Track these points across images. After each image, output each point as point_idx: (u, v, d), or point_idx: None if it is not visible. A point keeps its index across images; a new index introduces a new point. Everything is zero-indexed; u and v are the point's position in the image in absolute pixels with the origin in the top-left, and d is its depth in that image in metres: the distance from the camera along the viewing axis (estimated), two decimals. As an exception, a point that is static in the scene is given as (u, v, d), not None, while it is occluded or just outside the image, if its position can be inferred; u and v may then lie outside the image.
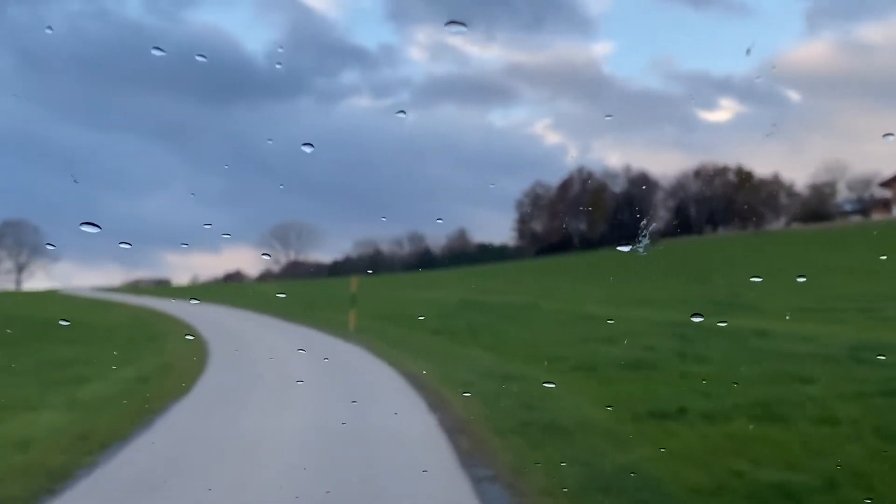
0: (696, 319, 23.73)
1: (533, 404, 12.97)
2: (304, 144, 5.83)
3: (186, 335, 25.57)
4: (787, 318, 26.56)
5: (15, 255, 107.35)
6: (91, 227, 4.84)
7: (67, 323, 28.18)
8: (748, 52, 5.80)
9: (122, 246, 5.84)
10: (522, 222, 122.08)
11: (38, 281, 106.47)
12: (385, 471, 9.19)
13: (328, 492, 7.86)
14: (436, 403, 13.33)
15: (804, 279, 36.19)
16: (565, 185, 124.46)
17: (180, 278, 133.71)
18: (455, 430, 11.03)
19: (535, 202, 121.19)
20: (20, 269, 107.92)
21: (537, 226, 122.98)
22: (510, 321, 31.14)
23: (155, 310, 38.68)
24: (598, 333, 24.94)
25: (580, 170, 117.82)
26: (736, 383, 14.46)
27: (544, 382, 14.95)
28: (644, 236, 4.76)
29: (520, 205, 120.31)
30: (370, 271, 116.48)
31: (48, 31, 7.68)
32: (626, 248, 4.87)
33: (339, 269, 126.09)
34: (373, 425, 11.31)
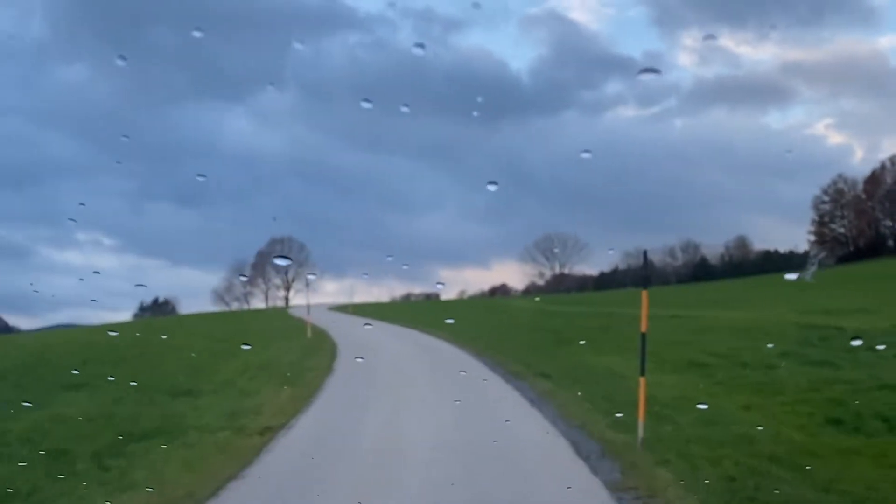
0: None
1: None
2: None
3: (272, 424, 10.39)
4: None
5: (283, 272, 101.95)
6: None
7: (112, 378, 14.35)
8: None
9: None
10: (822, 224, 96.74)
11: (303, 297, 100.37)
12: None
13: None
14: None
15: None
16: (875, 178, 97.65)
17: (450, 293, 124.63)
18: None
19: (836, 200, 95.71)
20: (288, 285, 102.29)
21: (840, 227, 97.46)
22: None
23: (333, 342, 24.54)
24: None
25: (893, 159, 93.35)
26: None
27: None
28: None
29: (818, 203, 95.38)
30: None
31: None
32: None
33: (606, 281, 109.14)
34: None
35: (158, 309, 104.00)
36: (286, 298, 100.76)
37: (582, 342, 24.35)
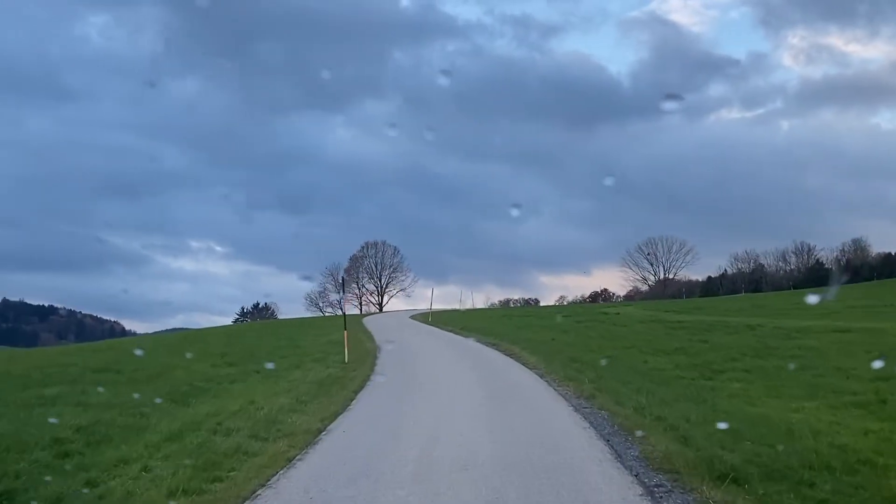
0: None
1: None
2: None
3: None
4: None
5: (376, 276, 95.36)
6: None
7: None
8: None
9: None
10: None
11: (397, 302, 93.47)
12: None
13: None
14: None
15: None
16: None
17: (549, 299, 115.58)
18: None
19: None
20: (381, 290, 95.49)
21: None
22: None
23: (371, 369, 16.76)
24: None
25: None
26: None
27: None
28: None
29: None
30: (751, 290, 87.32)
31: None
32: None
33: (714, 287, 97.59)
34: None
35: (258, 313, 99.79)
36: (380, 305, 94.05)
37: (734, 374, 15.61)
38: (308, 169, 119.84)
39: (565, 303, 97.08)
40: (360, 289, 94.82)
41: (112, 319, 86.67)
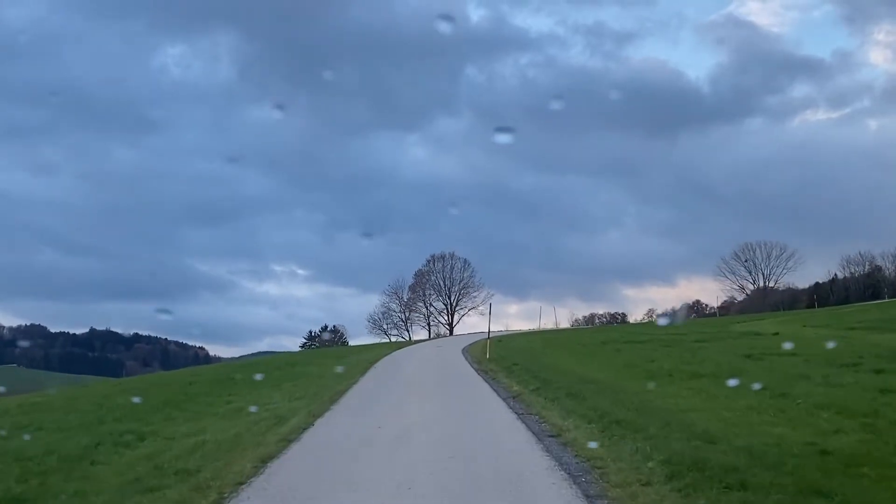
0: None
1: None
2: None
3: None
4: None
5: (444, 293, 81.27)
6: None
7: None
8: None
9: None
10: None
11: (472, 320, 79.46)
12: None
13: None
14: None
15: None
16: None
17: (635, 312, 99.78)
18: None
19: None
20: (451, 309, 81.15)
21: None
22: None
23: None
24: None
25: None
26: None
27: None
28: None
29: None
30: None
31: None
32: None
33: (824, 294, 79.27)
34: None
35: (326, 337, 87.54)
36: (450, 325, 79.87)
37: None
38: (385, 188, 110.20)
39: (654, 317, 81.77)
40: (427, 308, 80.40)
41: (197, 345, 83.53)
